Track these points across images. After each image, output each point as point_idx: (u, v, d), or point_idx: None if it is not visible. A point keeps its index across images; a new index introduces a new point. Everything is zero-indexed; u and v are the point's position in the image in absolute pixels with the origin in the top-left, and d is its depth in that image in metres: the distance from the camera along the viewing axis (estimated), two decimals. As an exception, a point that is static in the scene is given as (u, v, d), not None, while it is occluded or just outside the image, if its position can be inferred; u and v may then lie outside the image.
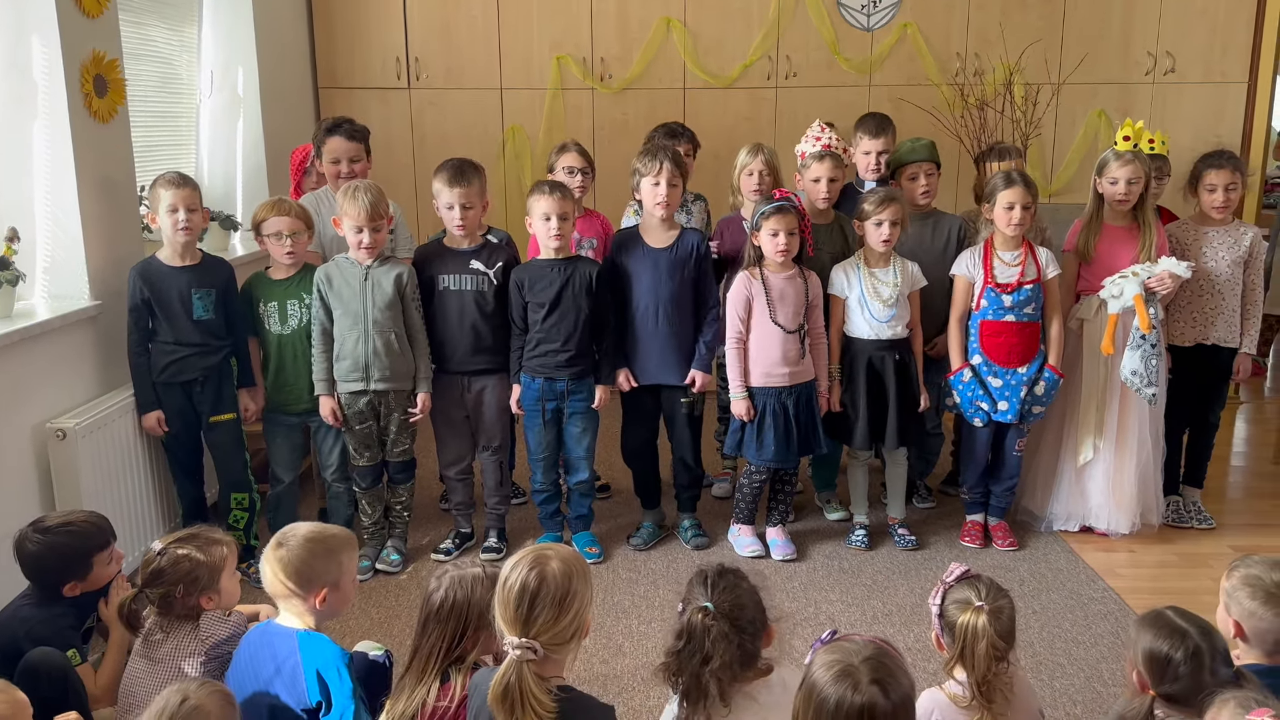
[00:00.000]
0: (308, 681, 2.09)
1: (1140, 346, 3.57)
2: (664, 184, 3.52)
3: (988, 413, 3.65)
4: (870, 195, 3.60)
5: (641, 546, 3.77)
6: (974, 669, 2.00)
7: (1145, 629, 2.00)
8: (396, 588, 3.49)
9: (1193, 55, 5.61)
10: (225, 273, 3.47)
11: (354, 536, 2.38)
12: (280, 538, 2.21)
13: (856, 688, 1.61)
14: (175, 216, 3.26)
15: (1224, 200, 3.77)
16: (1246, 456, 4.86)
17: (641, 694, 2.84)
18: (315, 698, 2.08)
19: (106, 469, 3.22)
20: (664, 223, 3.61)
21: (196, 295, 3.35)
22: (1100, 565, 3.64)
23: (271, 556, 2.18)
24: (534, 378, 3.55)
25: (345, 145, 3.79)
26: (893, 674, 1.64)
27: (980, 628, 1.99)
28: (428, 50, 5.45)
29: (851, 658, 1.65)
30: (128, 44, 3.69)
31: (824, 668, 1.66)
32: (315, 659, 2.11)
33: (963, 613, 2.02)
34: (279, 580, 2.16)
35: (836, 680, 1.63)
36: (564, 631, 1.82)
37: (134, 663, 2.35)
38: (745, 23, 5.50)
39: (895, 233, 3.54)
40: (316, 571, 2.17)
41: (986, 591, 2.05)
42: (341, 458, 3.60)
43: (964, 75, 5.52)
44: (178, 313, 3.32)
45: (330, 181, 3.85)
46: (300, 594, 2.16)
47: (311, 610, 2.18)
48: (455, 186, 3.46)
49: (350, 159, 3.79)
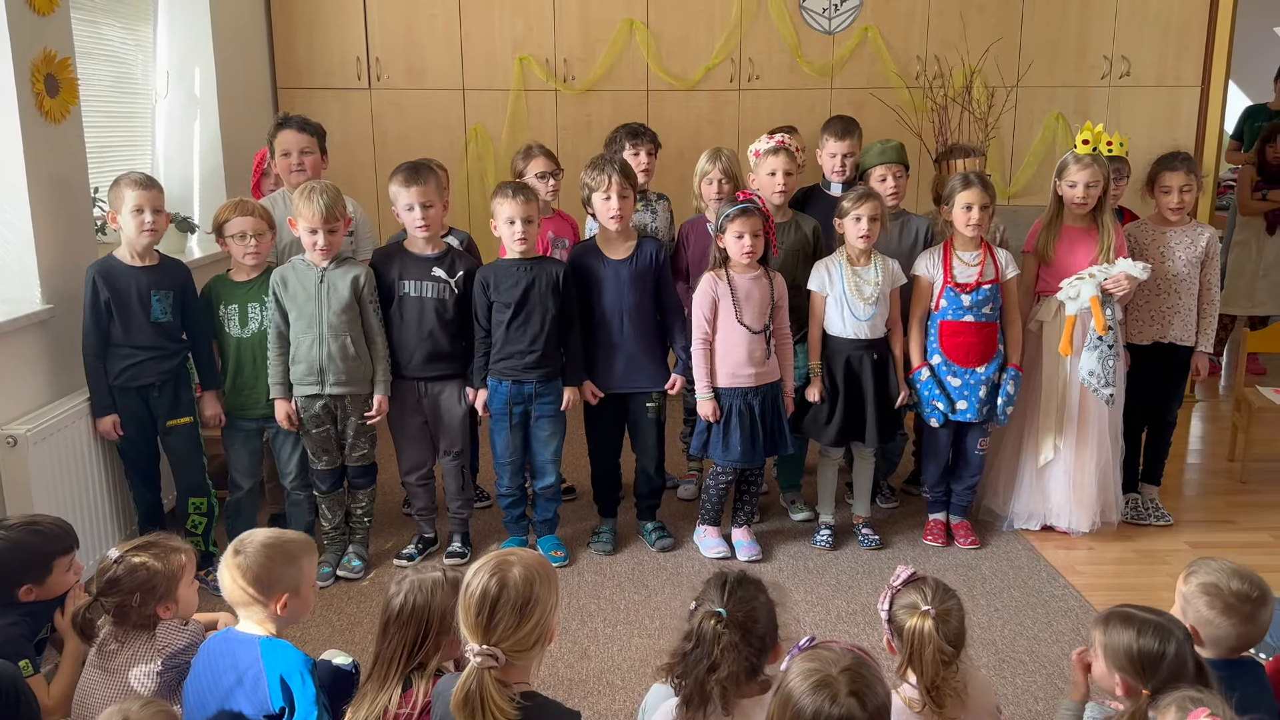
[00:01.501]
0: (270, 688, 2.06)
1: (1097, 347, 3.62)
2: (614, 197, 3.51)
3: (944, 413, 3.68)
4: (849, 193, 3.62)
5: (605, 552, 3.75)
6: (922, 674, 1.98)
7: (1121, 628, 1.98)
8: (359, 594, 3.45)
9: (1147, 59, 5.69)
10: (183, 274, 3.42)
11: (313, 541, 2.35)
12: (238, 544, 2.18)
13: (834, 699, 1.59)
14: (141, 218, 3.20)
15: (1179, 202, 3.83)
16: (1202, 454, 4.94)
17: (608, 698, 2.83)
18: (278, 704, 2.05)
19: (60, 476, 3.14)
20: (620, 234, 3.60)
21: (155, 296, 3.29)
22: (1061, 563, 3.68)
23: (230, 563, 2.15)
24: (501, 381, 3.53)
25: (296, 137, 3.73)
26: (870, 685, 1.63)
27: (926, 634, 1.97)
28: (389, 50, 5.40)
29: (830, 667, 1.63)
30: (81, 43, 3.61)
31: (801, 676, 1.64)
32: (278, 665, 2.08)
33: (910, 617, 2.01)
34: (238, 587, 2.13)
35: (814, 691, 1.61)
36: (526, 638, 1.81)
37: (88, 673, 2.30)
38: (708, 25, 5.50)
39: (874, 229, 3.55)
40: (276, 577, 2.14)
41: (933, 594, 2.03)
42: (300, 464, 3.55)
43: (924, 78, 5.57)
44: (136, 314, 3.26)
45: (283, 176, 3.79)
46: (261, 600, 2.13)
47: (272, 617, 2.15)
48: (412, 185, 3.42)
49: (301, 151, 3.73)
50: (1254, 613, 2.10)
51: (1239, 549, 3.81)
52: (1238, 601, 2.10)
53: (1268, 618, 2.13)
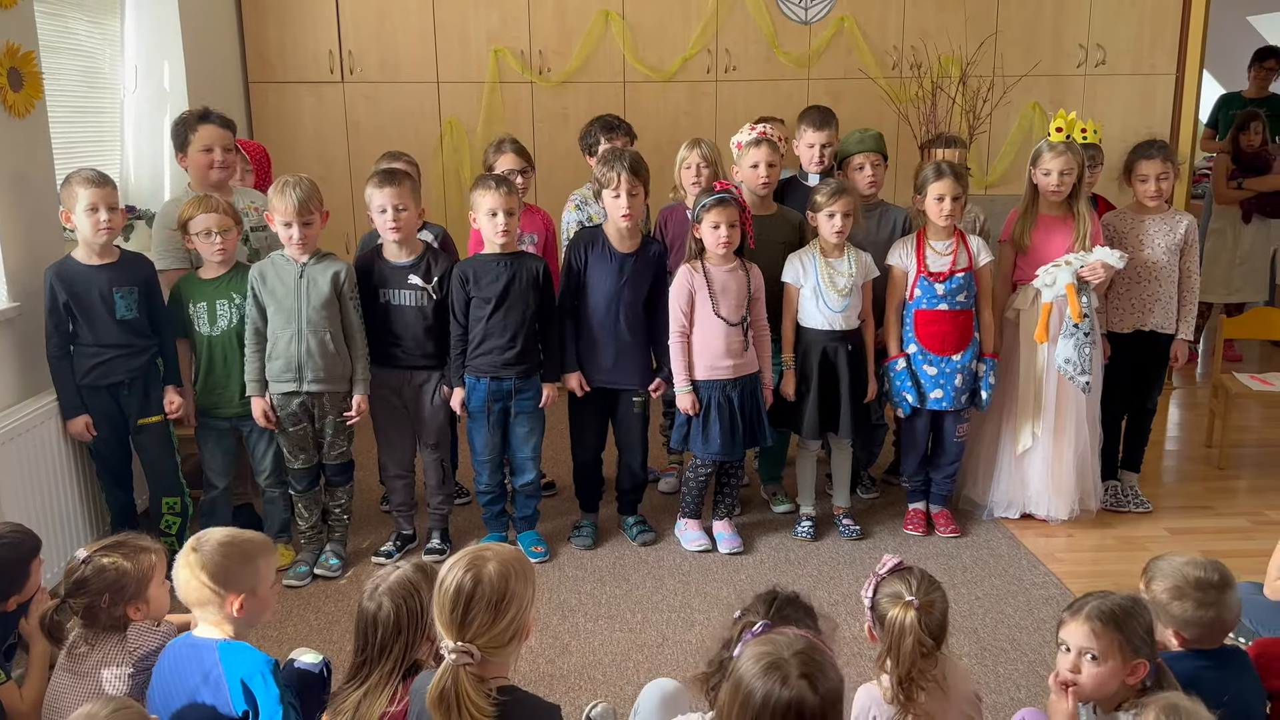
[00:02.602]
0: (232, 691, 2.02)
1: (1073, 335, 3.62)
2: (624, 195, 3.47)
3: (911, 403, 3.68)
4: (822, 187, 3.60)
5: (585, 546, 3.73)
6: (898, 664, 1.96)
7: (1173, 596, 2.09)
8: (336, 592, 3.41)
9: (1122, 48, 5.72)
10: (146, 269, 3.36)
11: (272, 543, 2.31)
12: (195, 542, 2.14)
13: (785, 681, 1.56)
14: (96, 216, 3.13)
15: (1156, 190, 3.83)
16: (1180, 441, 4.96)
17: (589, 693, 2.81)
18: (241, 707, 2.02)
19: (29, 478, 3.09)
20: (629, 230, 3.57)
21: (119, 294, 3.23)
22: (1040, 550, 3.68)
23: (188, 560, 2.11)
24: (479, 378, 3.49)
25: (220, 133, 3.64)
26: (822, 668, 1.60)
27: (908, 625, 1.95)
28: (362, 43, 5.35)
29: (781, 650, 1.61)
30: (46, 37, 3.55)
31: (752, 660, 1.61)
32: (238, 669, 2.04)
33: (893, 607, 1.98)
34: (197, 582, 2.08)
35: (765, 673, 1.58)
36: (502, 634, 1.78)
37: (58, 677, 2.25)
38: (684, 16, 5.48)
39: (847, 224, 3.55)
40: (233, 576, 2.10)
41: (918, 585, 2.01)
42: (275, 462, 3.50)
43: (901, 68, 5.57)
44: (100, 313, 3.21)
45: (202, 172, 3.63)
46: (217, 597, 2.09)
47: (229, 618, 2.11)
48: (386, 187, 3.36)
49: (224, 148, 3.64)
50: (1220, 597, 2.11)
51: (1217, 534, 3.84)
52: (1202, 592, 2.10)
53: (1235, 598, 2.14)
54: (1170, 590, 2.12)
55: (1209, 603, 2.09)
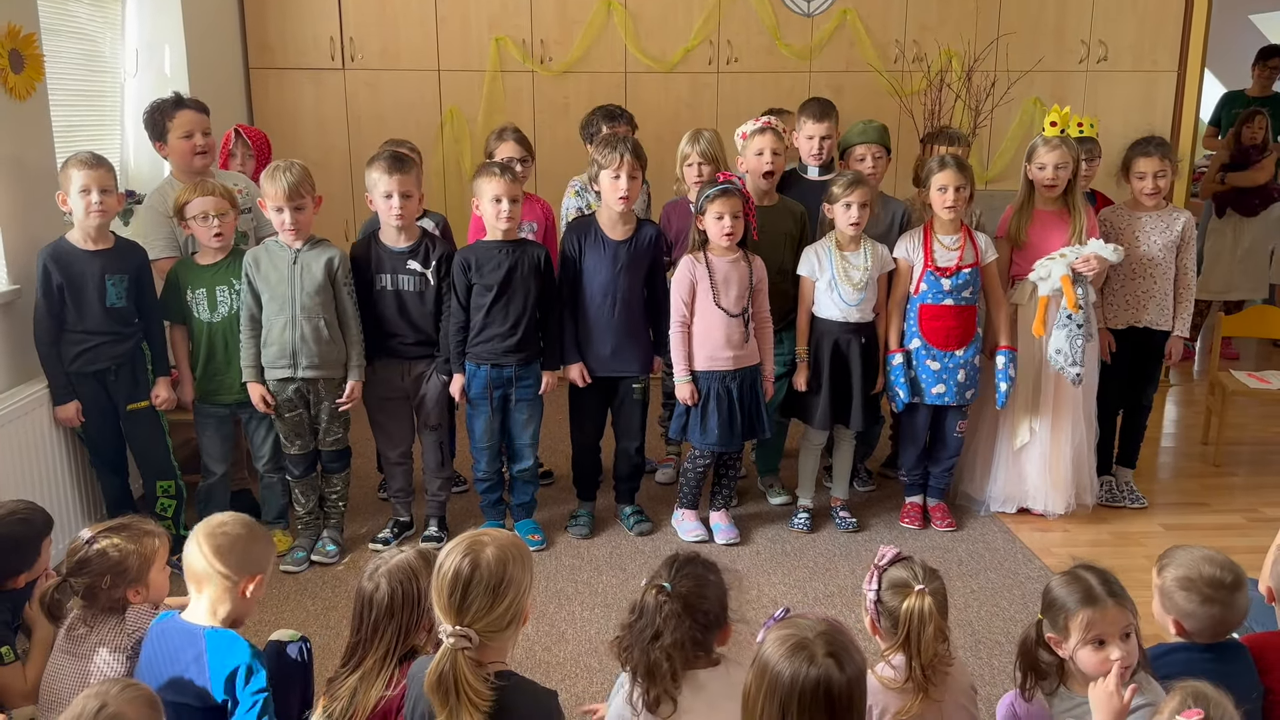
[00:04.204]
0: (214, 683, 2.03)
1: (1066, 326, 3.62)
2: (624, 177, 3.46)
3: (904, 399, 3.69)
4: (839, 178, 3.59)
5: (582, 535, 3.74)
6: (919, 653, 1.95)
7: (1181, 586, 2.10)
8: (334, 578, 3.42)
9: (1124, 44, 5.71)
10: (139, 257, 3.35)
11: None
12: (217, 518, 2.15)
13: (812, 661, 1.59)
14: (88, 198, 3.12)
15: (1154, 187, 3.83)
16: (1176, 437, 4.98)
17: (585, 680, 2.82)
18: (220, 697, 2.03)
19: (22, 464, 3.09)
20: (622, 215, 3.57)
21: (110, 281, 3.22)
22: (1036, 545, 3.69)
23: (204, 535, 2.09)
24: (480, 365, 3.49)
25: (196, 117, 3.62)
26: (846, 649, 1.62)
27: (927, 612, 1.94)
28: (363, 30, 5.33)
29: (805, 632, 1.64)
30: (47, 19, 3.54)
31: (777, 643, 1.63)
32: (224, 660, 2.04)
33: (905, 598, 1.97)
34: (207, 561, 2.07)
35: (791, 654, 1.60)
36: (500, 619, 1.78)
37: (56, 657, 2.25)
38: (686, 7, 5.47)
39: (864, 215, 3.54)
40: (253, 556, 2.12)
41: (921, 573, 2.02)
42: (274, 448, 3.51)
43: (903, 61, 5.56)
44: (91, 299, 3.19)
45: (185, 159, 3.61)
46: (232, 578, 2.08)
47: (236, 599, 2.11)
48: (395, 174, 3.34)
49: (203, 131, 3.62)
50: (1230, 598, 2.11)
51: (1212, 531, 3.85)
52: (1213, 590, 2.09)
53: (1245, 600, 2.13)
54: (1180, 580, 2.12)
55: (1216, 600, 2.09)
